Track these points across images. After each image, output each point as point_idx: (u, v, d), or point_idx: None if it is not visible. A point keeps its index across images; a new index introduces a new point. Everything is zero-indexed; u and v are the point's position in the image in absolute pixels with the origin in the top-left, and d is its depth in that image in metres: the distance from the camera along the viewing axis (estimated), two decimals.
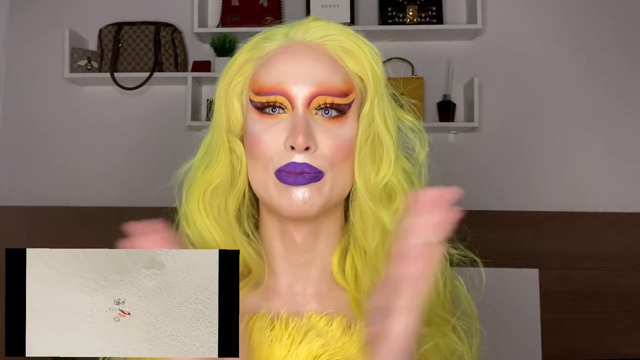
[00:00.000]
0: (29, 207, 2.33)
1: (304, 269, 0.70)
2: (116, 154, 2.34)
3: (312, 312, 0.67)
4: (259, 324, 0.65)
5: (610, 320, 2.11)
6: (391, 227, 0.64)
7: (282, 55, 0.66)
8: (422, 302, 0.51)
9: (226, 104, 0.69)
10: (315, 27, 0.67)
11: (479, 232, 0.87)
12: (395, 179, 0.66)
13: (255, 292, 0.69)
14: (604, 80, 2.21)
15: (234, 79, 0.69)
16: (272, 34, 0.68)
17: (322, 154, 0.63)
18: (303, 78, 0.64)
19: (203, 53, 2.34)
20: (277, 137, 0.64)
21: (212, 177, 0.68)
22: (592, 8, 2.25)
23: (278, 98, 0.64)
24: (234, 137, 0.69)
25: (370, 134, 0.66)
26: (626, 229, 2.15)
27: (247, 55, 0.68)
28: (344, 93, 0.64)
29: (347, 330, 0.66)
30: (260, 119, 0.65)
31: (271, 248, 0.70)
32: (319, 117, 0.64)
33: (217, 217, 0.67)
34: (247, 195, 0.71)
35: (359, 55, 0.66)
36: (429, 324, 0.65)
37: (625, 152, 2.20)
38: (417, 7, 2.23)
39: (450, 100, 2.20)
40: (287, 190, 0.63)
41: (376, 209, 0.65)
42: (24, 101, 2.40)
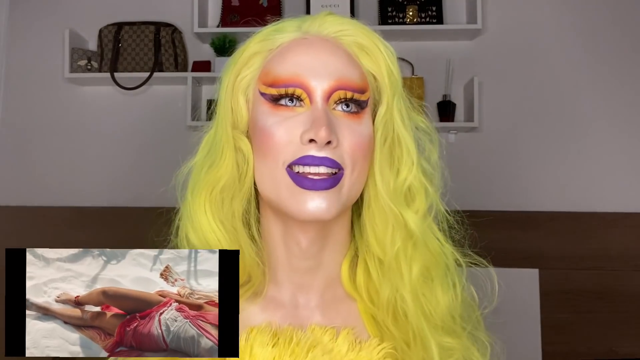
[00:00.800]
0: (28, 207, 2.33)
1: (308, 278, 0.66)
2: (116, 154, 2.34)
3: (315, 325, 0.64)
4: (260, 339, 0.61)
5: (610, 320, 2.11)
6: (415, 227, 0.61)
7: (298, 47, 0.62)
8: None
9: (232, 98, 0.65)
10: (331, 22, 0.63)
11: (479, 232, 0.87)
12: (416, 181, 0.63)
13: (254, 302, 0.65)
14: (605, 80, 2.21)
15: (240, 72, 0.64)
16: (283, 27, 0.64)
17: (343, 150, 0.59)
18: (322, 71, 0.60)
19: (203, 53, 2.34)
20: (292, 131, 0.59)
21: (217, 176, 0.63)
22: (592, 8, 2.25)
23: (297, 90, 0.60)
24: (240, 134, 0.64)
25: (389, 136, 0.63)
26: (626, 229, 2.15)
27: (256, 47, 0.64)
28: (362, 89, 0.61)
29: (354, 345, 0.63)
30: (274, 112, 0.61)
31: (273, 254, 0.66)
32: (339, 112, 0.60)
33: (224, 220, 0.63)
34: (253, 200, 0.66)
35: (374, 53, 0.63)
36: (450, 333, 0.63)
37: (625, 152, 2.20)
38: (417, 7, 2.23)
39: (450, 100, 2.20)
40: (303, 194, 0.58)
41: (399, 211, 0.61)
42: (24, 101, 2.40)
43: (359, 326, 0.65)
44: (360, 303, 0.66)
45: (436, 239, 0.64)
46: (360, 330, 0.65)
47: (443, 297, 0.63)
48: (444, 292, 0.63)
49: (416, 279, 0.62)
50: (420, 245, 0.63)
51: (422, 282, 0.63)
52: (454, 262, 0.65)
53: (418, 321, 0.62)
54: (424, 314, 0.62)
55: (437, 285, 0.63)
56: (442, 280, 0.64)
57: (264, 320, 0.64)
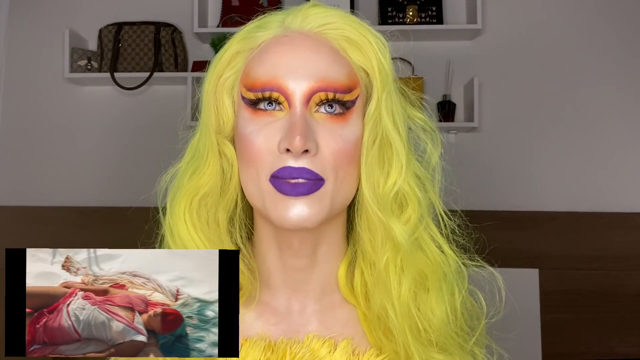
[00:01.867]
0: (28, 207, 2.33)
1: (303, 280, 0.62)
2: (116, 154, 2.35)
3: (312, 335, 0.60)
4: (252, 354, 0.58)
5: (610, 320, 2.11)
6: (403, 240, 0.57)
7: (277, 47, 0.58)
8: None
9: (215, 102, 0.61)
10: (315, 14, 0.59)
11: (479, 232, 0.87)
12: (407, 186, 0.58)
13: (249, 307, 0.62)
14: (605, 80, 2.21)
15: (223, 73, 0.61)
16: (267, 22, 0.60)
17: (323, 158, 0.55)
18: (301, 72, 0.56)
19: (203, 53, 2.34)
20: (270, 139, 0.55)
21: (199, 184, 0.60)
22: (592, 8, 2.25)
23: (273, 94, 0.56)
24: (224, 139, 0.61)
25: (378, 135, 0.58)
26: (626, 229, 2.15)
27: (238, 46, 0.60)
28: (348, 88, 0.56)
29: (353, 357, 0.60)
30: (253, 118, 0.57)
31: (267, 257, 0.62)
32: (321, 114, 0.56)
33: (206, 230, 0.60)
34: (240, 203, 0.63)
35: (363, 46, 0.58)
36: (444, 349, 0.60)
37: (625, 152, 2.20)
38: (417, 7, 2.23)
39: (450, 100, 2.20)
40: (284, 201, 0.54)
41: (386, 220, 0.57)
42: (24, 101, 2.40)
43: (359, 334, 0.62)
44: (360, 309, 0.63)
45: (435, 244, 0.61)
46: (359, 339, 0.62)
47: (438, 309, 0.59)
48: (439, 304, 0.59)
49: (406, 294, 0.58)
50: (412, 257, 0.58)
51: (416, 295, 0.59)
52: (455, 269, 0.61)
53: (404, 338, 0.58)
54: (412, 330, 0.59)
55: (432, 297, 0.60)
56: (437, 292, 0.60)
57: (258, 328, 0.61)
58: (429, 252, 0.60)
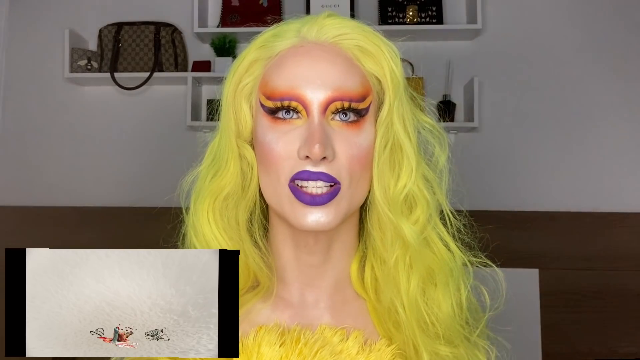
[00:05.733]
0: (29, 207, 2.33)
1: (317, 276, 0.66)
2: (116, 154, 2.35)
3: (325, 325, 0.64)
4: (268, 338, 0.61)
5: (610, 320, 2.11)
6: (412, 239, 0.60)
7: (295, 57, 0.61)
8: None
9: (234, 107, 0.64)
10: (330, 25, 0.62)
11: (479, 232, 0.87)
12: (416, 188, 0.61)
13: (266, 302, 0.65)
14: (605, 80, 2.21)
15: (242, 80, 0.64)
16: (283, 32, 0.63)
17: (339, 163, 0.59)
18: (318, 82, 0.59)
19: (203, 53, 2.34)
20: (290, 146, 0.59)
21: (221, 185, 0.63)
22: (592, 7, 2.25)
23: (292, 103, 0.59)
24: (244, 142, 0.64)
25: (389, 140, 0.61)
26: (626, 229, 2.15)
27: (255, 54, 0.63)
28: (362, 97, 0.60)
29: (364, 347, 0.62)
30: (272, 125, 0.60)
31: (282, 255, 0.66)
32: (337, 122, 0.60)
33: (228, 229, 0.63)
34: (259, 203, 0.66)
35: (377, 55, 0.61)
36: (450, 342, 0.63)
37: (625, 151, 2.20)
38: (417, 7, 2.23)
39: (450, 100, 2.20)
40: (302, 209, 0.58)
41: (396, 220, 0.61)
42: (24, 101, 2.40)
43: (370, 326, 0.65)
44: (370, 303, 0.66)
45: (443, 242, 0.64)
46: (370, 331, 0.65)
47: (444, 303, 0.63)
48: (446, 299, 0.63)
49: (414, 290, 0.62)
50: (420, 254, 0.62)
51: (424, 291, 0.63)
52: (460, 266, 0.64)
53: (411, 331, 0.62)
54: (420, 324, 0.62)
55: (440, 292, 0.63)
56: (444, 287, 0.63)
57: (273, 319, 0.64)
58: (436, 250, 0.63)
